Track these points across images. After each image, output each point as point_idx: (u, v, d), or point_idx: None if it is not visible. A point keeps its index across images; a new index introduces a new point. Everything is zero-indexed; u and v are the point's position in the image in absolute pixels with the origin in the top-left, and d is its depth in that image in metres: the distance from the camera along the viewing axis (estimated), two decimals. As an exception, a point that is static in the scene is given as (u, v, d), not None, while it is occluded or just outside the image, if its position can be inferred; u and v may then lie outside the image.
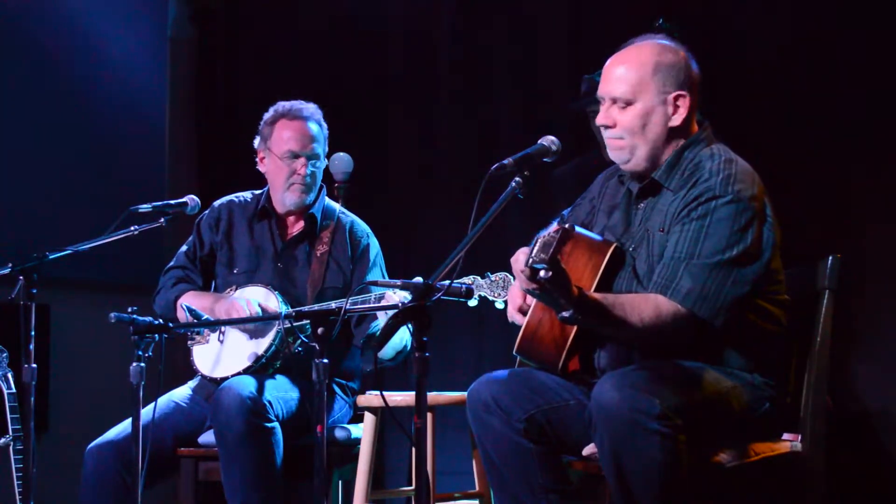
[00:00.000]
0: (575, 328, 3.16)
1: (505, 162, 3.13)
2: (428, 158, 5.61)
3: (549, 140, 3.25)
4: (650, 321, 3.06)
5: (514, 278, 3.36)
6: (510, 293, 3.42)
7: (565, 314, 3.03)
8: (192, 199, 4.13)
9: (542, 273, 2.88)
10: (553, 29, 5.36)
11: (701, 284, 3.08)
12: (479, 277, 3.74)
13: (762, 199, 3.19)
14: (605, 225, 3.37)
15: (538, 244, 2.91)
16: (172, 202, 4.09)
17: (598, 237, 3.31)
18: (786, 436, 3.32)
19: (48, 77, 5.57)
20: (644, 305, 3.08)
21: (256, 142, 4.30)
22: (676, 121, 3.26)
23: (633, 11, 4.96)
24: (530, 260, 2.90)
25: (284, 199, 4.23)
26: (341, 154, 4.62)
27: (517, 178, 3.13)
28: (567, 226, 2.92)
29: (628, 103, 3.25)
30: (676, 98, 3.25)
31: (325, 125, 4.29)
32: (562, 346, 3.19)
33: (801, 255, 3.46)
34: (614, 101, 3.27)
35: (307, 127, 4.22)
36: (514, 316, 3.35)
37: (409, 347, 4.11)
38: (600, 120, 3.30)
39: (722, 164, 3.20)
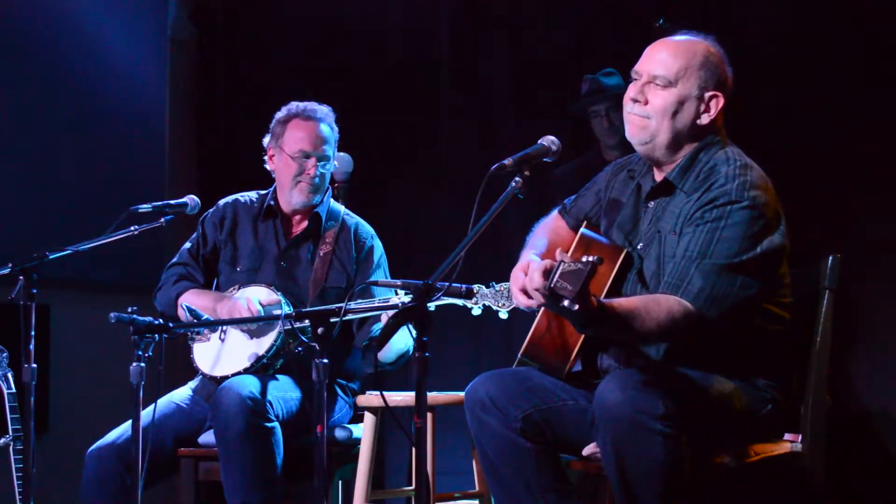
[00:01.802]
0: (583, 336, 3.16)
1: (505, 162, 3.13)
2: (428, 158, 5.61)
3: (549, 140, 3.25)
4: (666, 324, 3.04)
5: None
6: (512, 277, 3.38)
7: (585, 328, 3.02)
8: (192, 199, 4.14)
9: (566, 303, 2.81)
10: (553, 29, 5.36)
11: (711, 285, 3.07)
12: (483, 286, 3.74)
13: (775, 206, 3.18)
14: (611, 220, 3.36)
15: (562, 269, 2.83)
16: (172, 202, 4.10)
17: (607, 241, 3.30)
18: (786, 436, 3.31)
19: (48, 77, 5.56)
20: (658, 309, 3.04)
21: (266, 139, 4.31)
22: (705, 119, 3.25)
23: (633, 11, 4.96)
24: (553, 283, 2.82)
25: (291, 197, 4.24)
26: (341, 154, 4.61)
27: (517, 178, 3.13)
28: (595, 258, 2.84)
29: (668, 84, 3.23)
30: (711, 98, 3.25)
31: (336, 128, 4.30)
32: (569, 353, 3.19)
33: (801, 255, 3.46)
34: (653, 79, 3.24)
35: (320, 128, 4.23)
36: (519, 297, 3.32)
37: (411, 352, 4.12)
38: (632, 93, 3.26)
39: (738, 169, 3.18)
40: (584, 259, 2.82)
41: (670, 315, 3.04)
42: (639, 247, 3.26)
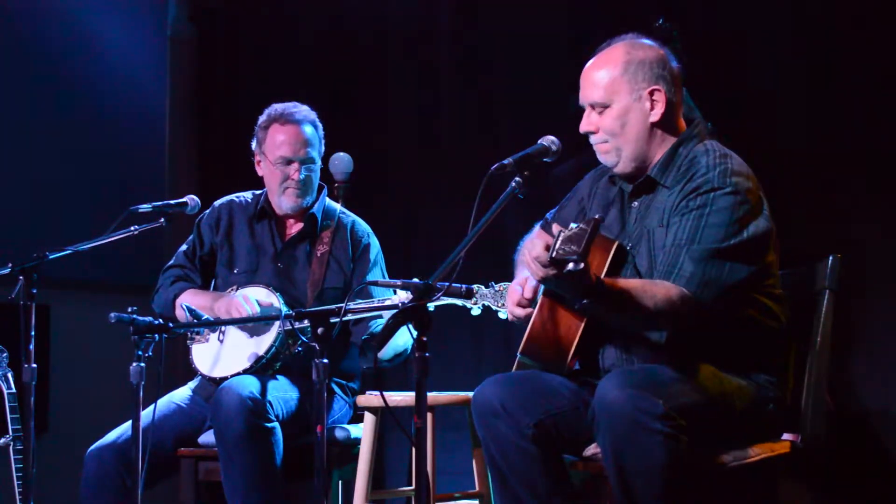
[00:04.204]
0: (581, 328, 3.16)
1: (505, 162, 3.14)
2: (428, 159, 5.61)
3: (549, 140, 3.26)
4: (663, 305, 3.06)
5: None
6: (509, 289, 3.40)
7: (584, 302, 3.02)
8: (192, 199, 4.14)
9: (571, 266, 2.85)
10: (553, 28, 5.36)
11: (702, 269, 3.09)
12: (482, 286, 3.74)
13: (757, 192, 3.21)
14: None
15: (562, 237, 2.88)
16: (172, 202, 4.09)
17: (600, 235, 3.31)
18: (786, 436, 3.32)
19: (48, 77, 5.57)
20: (655, 290, 3.08)
21: (253, 144, 4.30)
22: (655, 116, 3.26)
23: (633, 11, 4.95)
24: (555, 252, 2.88)
25: (281, 203, 4.23)
26: (341, 154, 4.61)
27: (517, 178, 3.14)
28: (598, 216, 2.90)
29: (605, 106, 3.28)
30: (652, 93, 3.26)
31: (319, 126, 4.27)
32: (568, 346, 3.17)
33: (801, 255, 3.46)
34: (593, 106, 3.30)
35: (300, 131, 4.20)
36: (514, 310, 3.33)
37: (409, 351, 4.12)
38: (583, 127, 3.32)
39: (718, 158, 3.21)
40: (584, 222, 2.86)
41: (667, 295, 3.06)
42: (629, 247, 3.27)
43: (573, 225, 2.91)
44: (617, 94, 3.27)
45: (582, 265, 2.85)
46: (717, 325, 3.15)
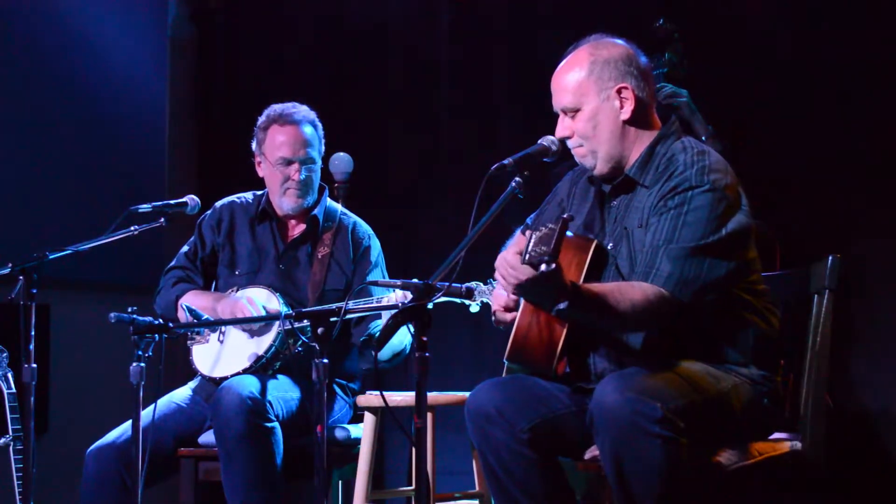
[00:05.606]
0: (565, 330, 3.14)
1: (505, 162, 3.14)
2: (428, 158, 5.61)
3: (549, 140, 3.26)
4: (640, 307, 3.05)
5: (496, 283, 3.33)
6: (494, 294, 3.39)
7: (561, 306, 3.01)
8: (192, 199, 4.14)
9: (543, 267, 2.82)
10: (553, 29, 5.36)
11: (680, 268, 3.08)
12: (481, 283, 3.74)
13: (736, 188, 3.19)
14: (579, 225, 3.36)
15: (533, 239, 2.87)
16: (172, 202, 4.09)
17: (572, 234, 3.29)
18: (786, 436, 3.32)
19: (48, 77, 5.56)
20: (632, 292, 3.07)
21: (253, 145, 4.30)
22: (626, 114, 3.25)
23: (633, 11, 4.96)
24: (527, 256, 2.86)
25: (282, 203, 4.23)
26: (341, 154, 4.61)
27: (517, 178, 3.13)
28: (567, 215, 2.89)
29: (576, 110, 3.27)
30: (619, 91, 3.24)
31: (319, 126, 4.27)
32: (553, 350, 3.16)
33: (800, 255, 3.46)
34: (565, 111, 3.29)
35: (300, 131, 4.20)
36: (501, 315, 3.32)
37: (407, 351, 4.12)
38: (558, 133, 3.30)
39: (695, 155, 3.20)
40: (553, 222, 2.85)
41: (645, 296, 3.05)
42: (609, 246, 3.26)
43: (545, 226, 2.90)
44: (585, 96, 3.25)
45: (554, 265, 2.82)
46: (702, 323, 3.14)
